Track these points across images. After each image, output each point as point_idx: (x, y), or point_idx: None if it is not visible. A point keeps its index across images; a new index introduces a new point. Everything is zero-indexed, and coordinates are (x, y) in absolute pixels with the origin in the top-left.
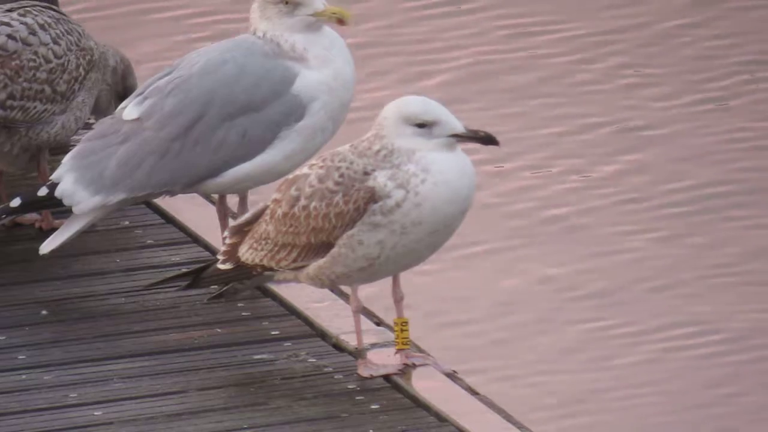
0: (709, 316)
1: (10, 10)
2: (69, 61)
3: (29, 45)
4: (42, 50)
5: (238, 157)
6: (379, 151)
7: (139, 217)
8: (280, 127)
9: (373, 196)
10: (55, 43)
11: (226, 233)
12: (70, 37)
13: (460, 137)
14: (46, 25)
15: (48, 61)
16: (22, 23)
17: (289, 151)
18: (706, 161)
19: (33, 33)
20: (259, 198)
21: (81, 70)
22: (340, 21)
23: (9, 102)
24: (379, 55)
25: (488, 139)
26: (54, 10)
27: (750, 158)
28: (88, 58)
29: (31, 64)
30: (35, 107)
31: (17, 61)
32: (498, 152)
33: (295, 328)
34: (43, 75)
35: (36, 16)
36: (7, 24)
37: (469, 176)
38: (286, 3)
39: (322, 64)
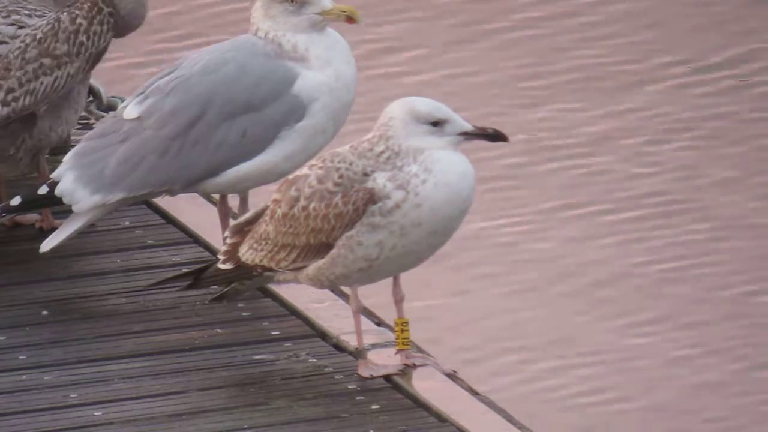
0: None
1: None
2: (59, 20)
3: (15, 38)
4: (26, 32)
5: (238, 157)
6: (382, 152)
7: (140, 217)
8: (280, 127)
9: (372, 197)
10: (41, 16)
11: (226, 233)
12: (58, 9)
13: (469, 135)
14: (35, 10)
15: (34, 38)
16: (10, 24)
17: (289, 151)
18: None
19: (21, 26)
20: (260, 198)
21: (80, 20)
22: (350, 19)
23: (10, 95)
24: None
25: (497, 136)
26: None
27: None
28: (88, 5)
29: (17, 52)
30: (42, 83)
31: (5, 60)
32: None
33: (296, 329)
34: (34, 52)
35: (22, 7)
36: None
37: (469, 177)
38: (292, 1)
39: (324, 65)
